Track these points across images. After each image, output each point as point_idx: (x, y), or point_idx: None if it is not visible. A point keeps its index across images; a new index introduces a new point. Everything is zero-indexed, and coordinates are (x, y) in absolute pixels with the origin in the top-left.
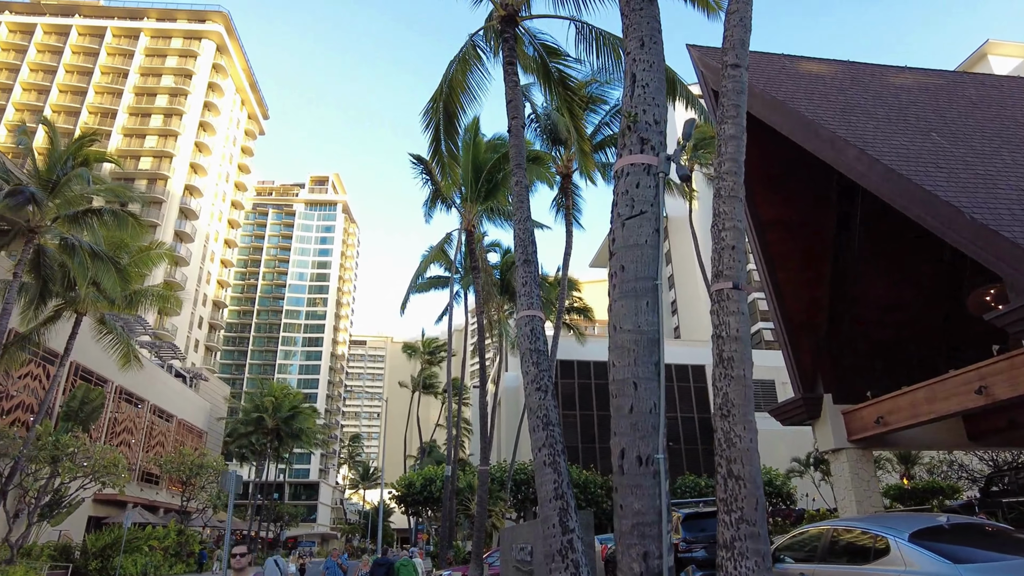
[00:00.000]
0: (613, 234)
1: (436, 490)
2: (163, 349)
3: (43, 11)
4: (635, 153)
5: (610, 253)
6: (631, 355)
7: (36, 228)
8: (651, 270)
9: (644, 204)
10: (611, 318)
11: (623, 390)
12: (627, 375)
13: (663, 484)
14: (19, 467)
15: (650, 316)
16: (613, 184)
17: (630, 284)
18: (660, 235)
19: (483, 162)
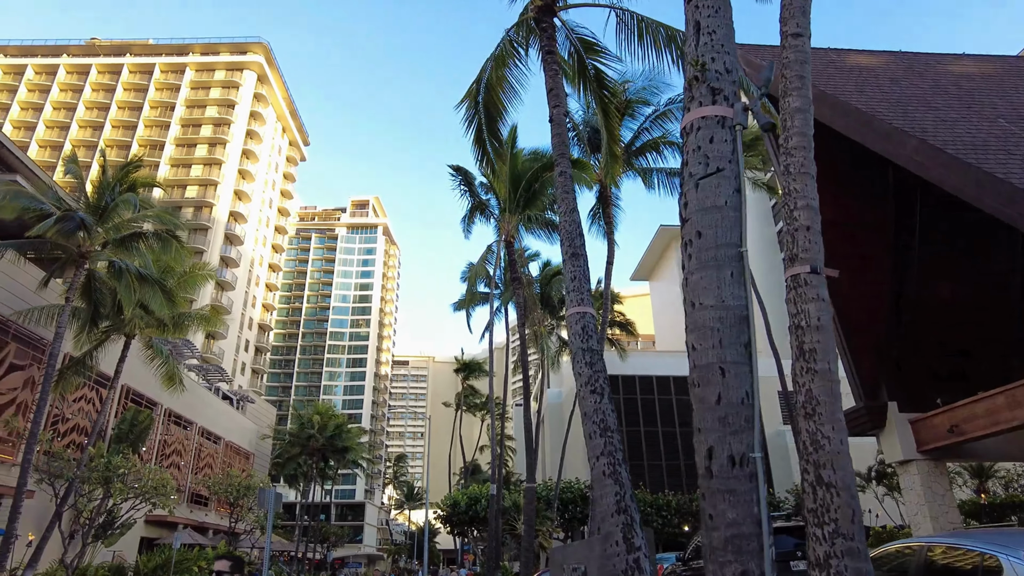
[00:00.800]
0: (685, 197)
1: (481, 509)
2: (210, 372)
3: (97, 52)
4: (706, 105)
5: (682, 220)
6: (715, 335)
7: (86, 253)
8: (734, 235)
9: (720, 161)
10: (688, 294)
11: (707, 377)
12: (711, 359)
13: (762, 488)
14: (73, 488)
15: (736, 289)
16: (682, 143)
17: (709, 252)
18: (742, 196)
19: (521, 172)
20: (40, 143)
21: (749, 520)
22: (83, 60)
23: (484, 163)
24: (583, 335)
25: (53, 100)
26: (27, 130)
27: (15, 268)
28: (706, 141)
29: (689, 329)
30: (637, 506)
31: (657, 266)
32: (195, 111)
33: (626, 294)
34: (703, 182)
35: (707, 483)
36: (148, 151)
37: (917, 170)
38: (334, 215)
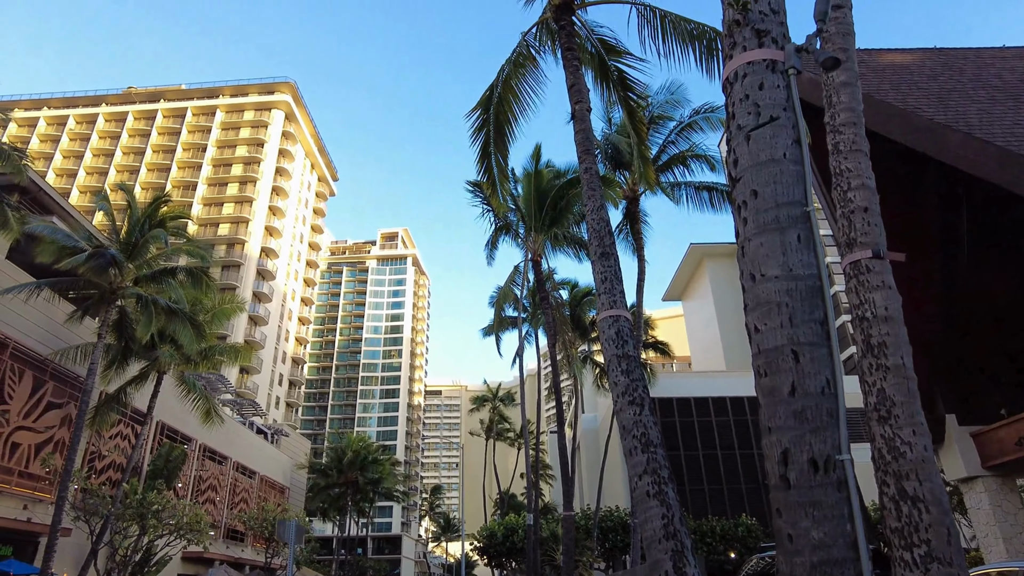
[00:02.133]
0: (734, 153)
1: (519, 540)
2: (245, 407)
3: (133, 99)
4: (751, 49)
5: (732, 180)
6: (783, 312)
7: (117, 290)
8: (797, 192)
9: (774, 108)
10: (746, 265)
11: (776, 364)
12: (780, 341)
13: (855, 499)
14: (109, 526)
15: (804, 255)
16: (725, 95)
17: (769, 213)
18: (803, 148)
19: (546, 190)
20: (80, 189)
21: (841, 541)
22: (120, 108)
23: (486, 180)
24: (617, 340)
25: (93, 147)
26: (69, 177)
27: (52, 307)
28: (754, 88)
29: (749, 307)
30: (687, 530)
31: (689, 285)
32: (226, 151)
33: (658, 316)
34: (755, 133)
35: (783, 495)
36: (181, 191)
37: (963, 165)
38: (364, 248)
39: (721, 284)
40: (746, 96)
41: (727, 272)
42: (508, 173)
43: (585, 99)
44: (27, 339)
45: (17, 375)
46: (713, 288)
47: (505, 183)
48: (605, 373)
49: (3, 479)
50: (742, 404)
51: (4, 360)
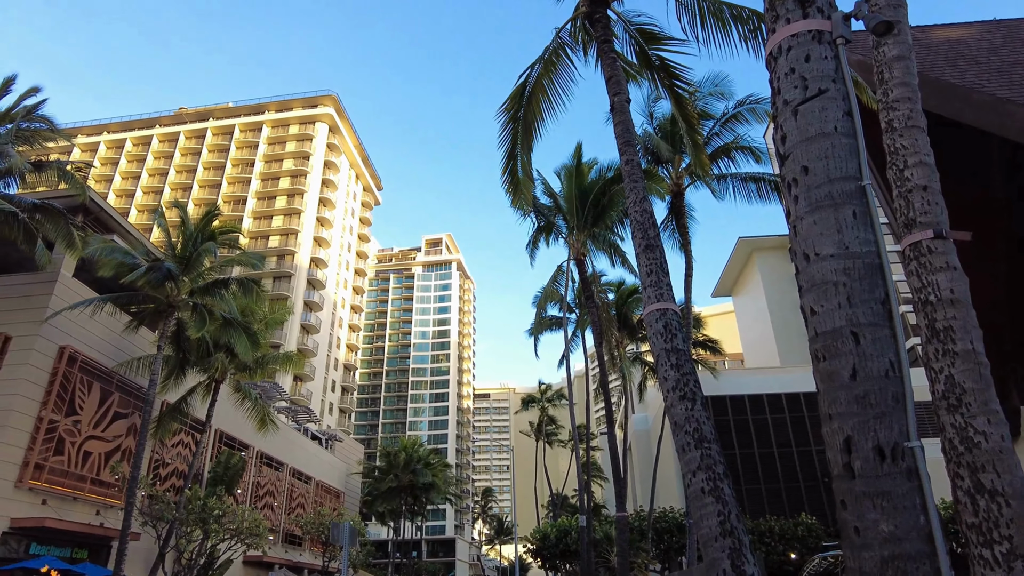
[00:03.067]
0: (781, 130)
1: (572, 542)
2: (299, 413)
3: (184, 120)
4: (795, 21)
5: (780, 158)
6: (841, 292)
7: (174, 302)
8: (850, 166)
9: (822, 80)
10: (798, 245)
11: (834, 347)
12: (838, 323)
13: (927, 489)
14: (174, 530)
15: (861, 231)
16: (769, 71)
17: (822, 189)
18: (856, 119)
19: (588, 188)
20: (138, 208)
21: (914, 534)
22: (173, 128)
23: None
24: (666, 334)
25: (148, 167)
26: (127, 196)
27: (114, 321)
28: (800, 61)
29: (804, 289)
30: (745, 527)
31: (739, 280)
32: (273, 165)
33: (708, 312)
34: (803, 108)
35: (847, 485)
36: (232, 206)
37: None
38: (410, 255)
39: (772, 278)
40: (791, 70)
41: (778, 265)
42: (532, 174)
43: (624, 91)
44: (94, 352)
45: (87, 387)
46: (764, 282)
47: (529, 184)
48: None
49: (77, 486)
50: (798, 400)
51: (74, 373)
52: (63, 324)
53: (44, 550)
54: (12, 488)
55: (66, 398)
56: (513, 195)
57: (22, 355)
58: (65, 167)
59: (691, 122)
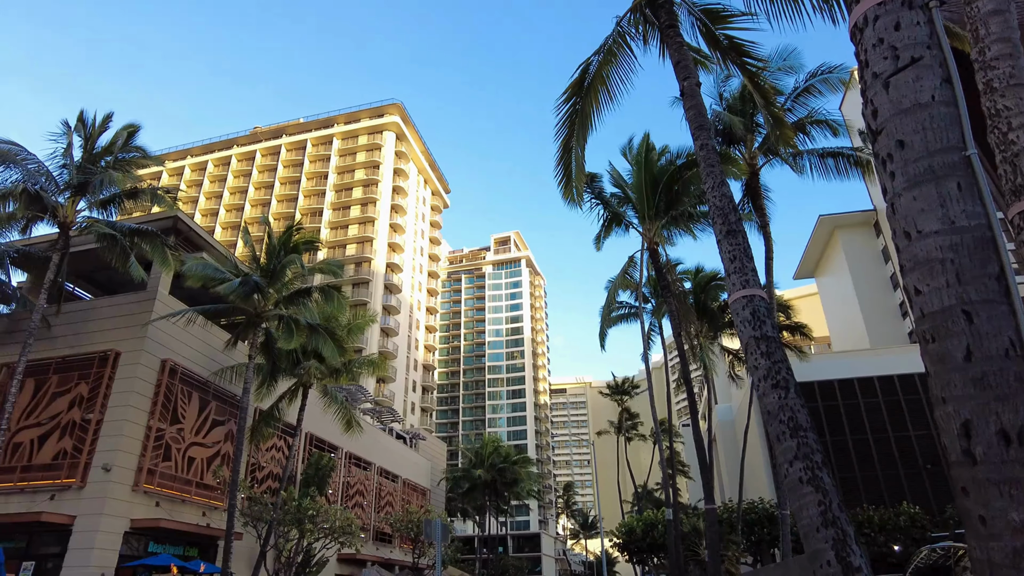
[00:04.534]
0: (872, 104)
1: (659, 535)
2: (383, 414)
3: (259, 139)
4: None
5: (872, 134)
6: (948, 269)
7: (262, 313)
8: (952, 135)
9: (915, 48)
10: (897, 223)
11: (944, 327)
12: (948, 301)
13: None
14: (273, 530)
15: (968, 204)
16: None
17: (920, 163)
18: (956, 86)
19: (658, 176)
20: (222, 225)
21: None
22: (249, 147)
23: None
24: (754, 321)
25: (229, 186)
26: (212, 215)
27: (207, 334)
28: (889, 30)
29: (907, 268)
30: (848, 517)
31: (822, 261)
32: (345, 176)
33: (791, 296)
34: (895, 79)
35: (968, 472)
36: (309, 218)
37: None
38: (479, 255)
39: (857, 256)
40: (880, 40)
41: (862, 243)
42: (584, 165)
43: (693, 75)
44: (191, 364)
45: (187, 397)
46: (848, 261)
47: (581, 176)
48: (738, 360)
49: (184, 489)
50: (892, 384)
51: (176, 384)
52: (163, 339)
53: (161, 548)
54: (130, 492)
55: (170, 408)
56: (565, 187)
57: (130, 369)
58: (157, 192)
59: (767, 96)
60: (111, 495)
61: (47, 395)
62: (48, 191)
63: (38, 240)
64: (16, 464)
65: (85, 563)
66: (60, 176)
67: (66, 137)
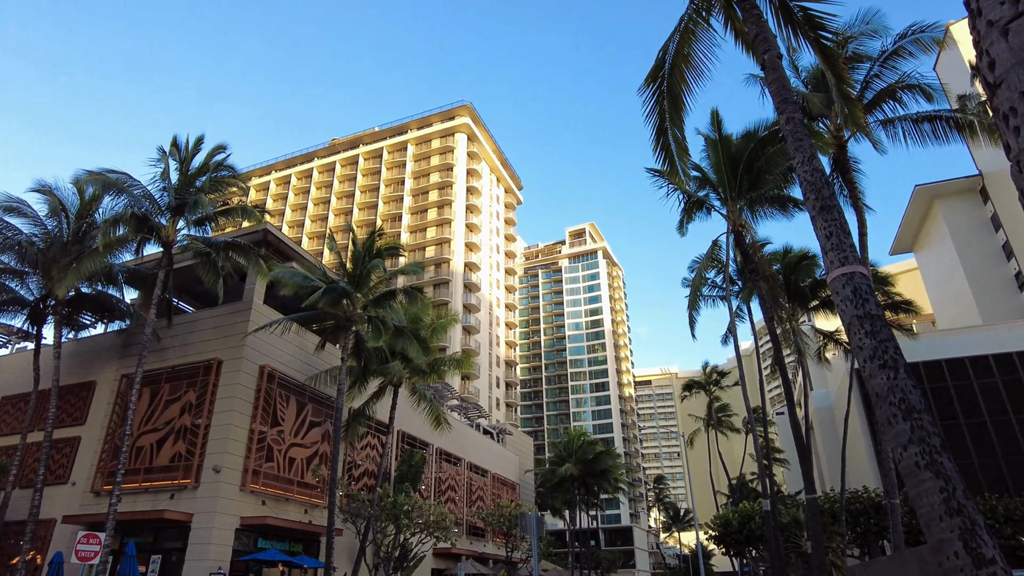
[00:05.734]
0: (987, 55)
1: (756, 527)
2: (470, 410)
3: (337, 150)
4: None
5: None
6: None
7: (351, 317)
8: None
9: None
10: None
11: None
12: None
13: None
14: (371, 526)
15: None
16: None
17: None
18: None
19: (737, 155)
20: (308, 235)
21: None
22: (329, 159)
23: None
24: (855, 300)
25: (313, 198)
26: (298, 226)
27: (301, 339)
28: None
29: None
30: (976, 504)
31: (921, 234)
32: (421, 180)
33: (887, 272)
34: (1015, 24)
35: None
36: (389, 224)
37: None
38: (555, 249)
39: (961, 227)
40: None
41: (967, 212)
42: (686, 146)
43: (773, 47)
44: (287, 369)
45: (285, 400)
46: (951, 232)
47: (684, 157)
48: (832, 343)
49: (287, 488)
50: (1010, 361)
51: (274, 389)
52: (260, 346)
53: (268, 544)
54: (238, 491)
55: (270, 411)
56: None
57: (232, 376)
58: (246, 208)
59: (840, 74)
60: (222, 494)
61: (161, 402)
62: (152, 214)
63: (146, 259)
64: (140, 466)
65: (204, 557)
66: (161, 199)
67: (162, 162)
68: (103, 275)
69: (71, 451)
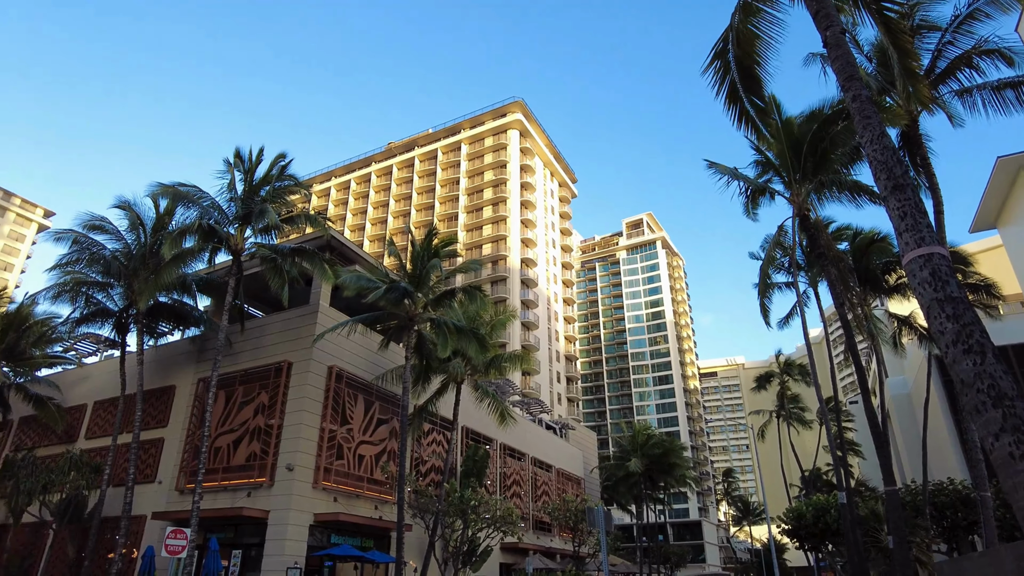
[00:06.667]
0: None
1: (832, 521)
2: (532, 405)
3: (394, 153)
4: None
5: None
6: None
7: (413, 317)
8: None
9: None
10: None
11: None
12: None
13: None
14: (439, 521)
15: None
16: None
17: None
18: None
19: (799, 136)
20: (369, 239)
21: None
22: (386, 163)
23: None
24: (934, 282)
25: (372, 201)
26: (359, 230)
27: (366, 339)
28: None
29: None
30: None
31: (1005, 208)
32: (475, 179)
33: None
34: None
35: None
36: (446, 223)
37: None
38: (612, 241)
39: None
40: None
41: None
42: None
43: (836, 22)
44: (354, 369)
45: (353, 399)
46: None
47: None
48: (907, 327)
49: (357, 485)
50: None
51: (342, 388)
52: (327, 347)
53: (341, 540)
54: (311, 489)
55: (339, 410)
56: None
57: (301, 377)
58: (309, 215)
59: (904, 47)
60: (295, 492)
61: (236, 404)
62: (220, 224)
63: (217, 268)
64: (218, 466)
65: (280, 552)
66: (229, 209)
67: (228, 173)
68: (178, 285)
69: (156, 451)
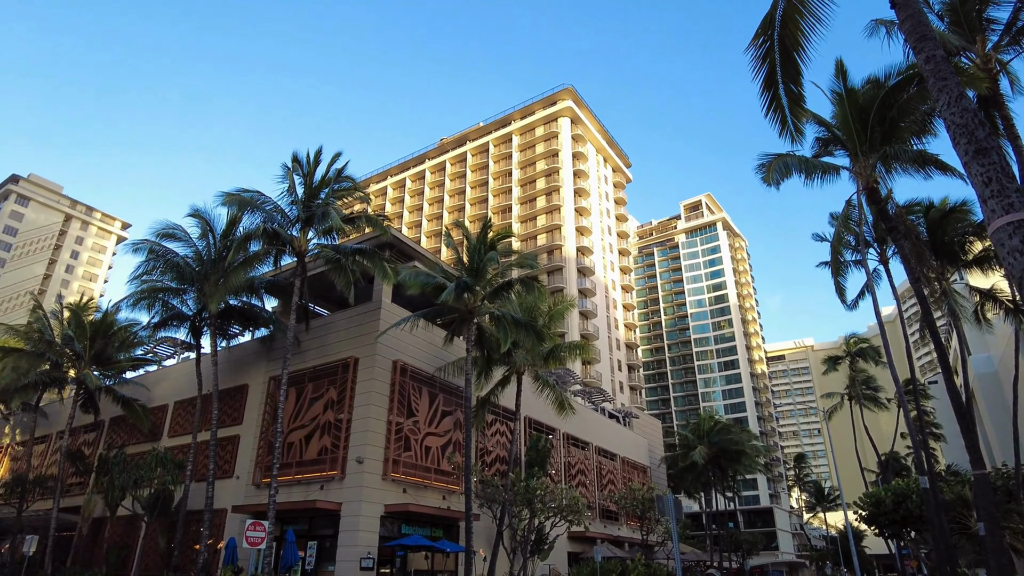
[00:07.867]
0: None
1: (913, 506)
2: (593, 395)
3: (446, 149)
4: None
5: None
6: None
7: (473, 310)
8: None
9: None
10: None
11: None
12: None
13: None
14: (506, 510)
15: None
16: None
17: None
18: None
19: (865, 104)
20: (426, 235)
21: None
22: (439, 159)
23: (774, 110)
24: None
25: (427, 198)
26: (416, 227)
27: (428, 333)
28: None
29: None
30: None
31: None
32: (528, 169)
33: None
34: None
35: None
36: (500, 216)
37: None
38: (670, 225)
39: None
40: None
41: None
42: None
43: None
44: (417, 362)
45: (418, 392)
46: None
47: (800, 115)
48: (991, 301)
49: (425, 476)
50: None
51: (407, 382)
52: (392, 343)
53: (411, 530)
54: (380, 480)
55: (405, 403)
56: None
57: (368, 372)
58: (370, 216)
59: None
60: (366, 484)
61: (306, 401)
62: (284, 227)
63: (282, 270)
64: (292, 460)
65: (354, 543)
66: (290, 211)
67: (287, 177)
68: (246, 288)
69: (233, 448)
